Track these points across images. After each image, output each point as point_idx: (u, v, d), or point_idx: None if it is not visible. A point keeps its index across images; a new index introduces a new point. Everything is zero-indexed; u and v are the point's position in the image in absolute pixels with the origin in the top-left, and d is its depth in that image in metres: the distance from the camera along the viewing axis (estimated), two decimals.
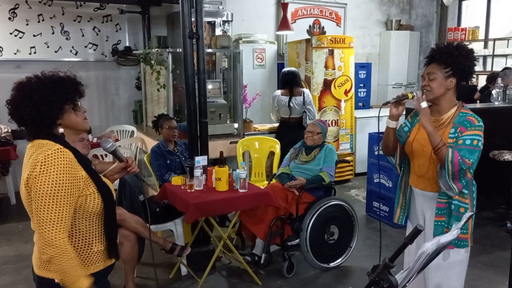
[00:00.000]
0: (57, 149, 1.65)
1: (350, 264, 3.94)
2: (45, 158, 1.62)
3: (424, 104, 2.25)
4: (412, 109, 2.36)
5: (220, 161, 3.49)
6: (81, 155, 1.76)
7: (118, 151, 2.00)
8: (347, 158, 6.20)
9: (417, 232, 1.30)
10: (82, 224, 1.74)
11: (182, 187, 3.49)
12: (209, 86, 5.46)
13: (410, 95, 2.32)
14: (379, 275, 1.36)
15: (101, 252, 1.81)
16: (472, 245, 2.39)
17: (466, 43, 7.57)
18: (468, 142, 2.20)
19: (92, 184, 1.73)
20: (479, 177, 2.42)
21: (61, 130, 1.76)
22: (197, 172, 3.46)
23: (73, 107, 1.77)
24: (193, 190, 3.40)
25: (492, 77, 5.92)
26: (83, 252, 1.76)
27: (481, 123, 2.26)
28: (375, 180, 5.10)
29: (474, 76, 2.42)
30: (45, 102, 1.67)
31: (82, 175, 1.70)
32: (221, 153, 3.59)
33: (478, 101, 6.08)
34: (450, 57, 2.27)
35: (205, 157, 3.66)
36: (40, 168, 1.61)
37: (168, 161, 4.09)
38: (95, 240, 1.79)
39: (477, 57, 2.37)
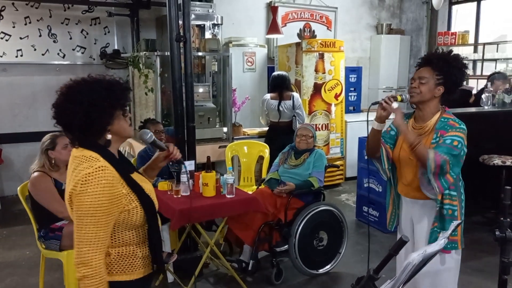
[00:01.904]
0: (99, 167, 1.61)
1: (339, 270, 3.89)
2: (85, 177, 1.59)
3: (395, 105, 2.28)
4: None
5: (207, 166, 3.43)
6: (125, 168, 1.72)
7: (158, 141, 1.98)
8: (338, 163, 6.17)
9: (401, 243, 1.26)
10: (126, 235, 1.73)
11: (169, 193, 3.42)
12: (199, 90, 5.42)
13: (399, 98, 2.30)
14: (363, 287, 1.32)
15: (145, 258, 1.80)
16: (462, 249, 2.37)
17: (456, 47, 7.62)
18: (448, 141, 2.19)
19: (135, 198, 1.71)
20: (468, 182, 2.40)
21: (109, 136, 1.71)
22: (184, 177, 3.39)
23: (123, 113, 1.74)
24: (179, 196, 3.34)
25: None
26: (128, 259, 1.75)
27: (463, 126, 2.25)
28: (365, 185, 5.07)
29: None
30: (96, 108, 1.63)
31: (123, 192, 1.67)
32: (208, 158, 3.53)
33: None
34: (447, 66, 2.26)
35: (192, 162, 3.60)
36: (81, 187, 1.59)
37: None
38: (140, 247, 1.78)
39: (467, 62, 2.37)
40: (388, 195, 2.58)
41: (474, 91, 6.29)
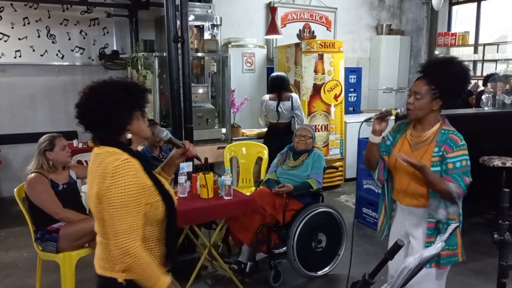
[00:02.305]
0: (125, 159, 1.68)
1: (338, 272, 3.87)
2: (114, 170, 1.65)
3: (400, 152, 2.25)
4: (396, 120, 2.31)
5: (204, 167, 3.40)
6: (147, 163, 1.78)
7: (174, 138, 2.04)
8: (337, 164, 6.15)
9: (397, 247, 1.24)
10: (147, 230, 1.77)
11: None
12: (198, 91, 5.41)
13: (393, 112, 2.28)
14: None
15: (162, 257, 1.83)
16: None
17: (456, 48, 7.60)
18: (458, 164, 2.18)
19: (157, 192, 1.76)
20: None
21: (129, 135, 1.80)
22: (181, 178, 3.38)
23: (141, 114, 1.81)
24: (177, 198, 3.32)
25: (486, 80, 5.86)
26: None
27: (464, 142, 2.22)
28: (365, 186, 5.05)
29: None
30: (116, 107, 1.70)
31: (148, 184, 1.73)
32: (206, 159, 3.50)
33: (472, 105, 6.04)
34: (444, 81, 2.18)
35: (190, 163, 3.58)
36: (110, 180, 1.64)
37: (153, 167, 4.00)
38: (159, 244, 1.82)
39: (467, 63, 2.32)
40: (381, 202, 2.56)
41: (479, 89, 6.24)
